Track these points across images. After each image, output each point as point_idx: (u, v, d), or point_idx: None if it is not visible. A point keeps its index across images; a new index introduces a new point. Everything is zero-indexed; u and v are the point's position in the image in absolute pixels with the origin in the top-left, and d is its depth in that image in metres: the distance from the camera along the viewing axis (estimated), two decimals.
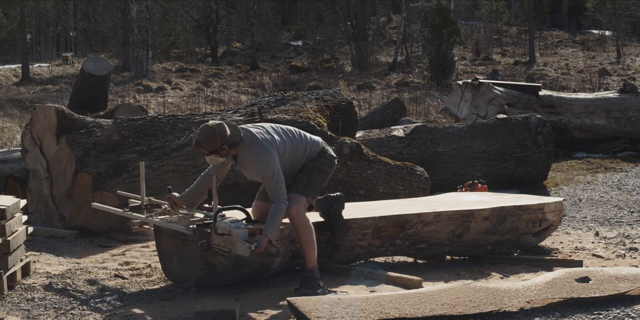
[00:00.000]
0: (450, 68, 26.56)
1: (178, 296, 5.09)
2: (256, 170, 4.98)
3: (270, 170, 4.94)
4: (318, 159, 5.24)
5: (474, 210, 6.04)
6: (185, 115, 7.68)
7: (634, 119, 13.02)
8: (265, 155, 4.95)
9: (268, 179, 4.95)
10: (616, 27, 38.20)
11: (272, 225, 4.91)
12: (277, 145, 5.06)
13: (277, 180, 4.95)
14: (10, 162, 8.74)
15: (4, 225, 4.97)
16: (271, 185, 4.96)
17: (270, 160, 4.94)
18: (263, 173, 4.95)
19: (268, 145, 5.01)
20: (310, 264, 5.04)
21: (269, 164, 4.94)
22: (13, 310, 4.76)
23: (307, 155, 5.24)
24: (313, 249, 5.05)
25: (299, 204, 5.05)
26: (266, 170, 4.94)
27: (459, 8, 45.57)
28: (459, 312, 4.43)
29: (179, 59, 37.73)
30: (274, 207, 4.95)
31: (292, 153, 5.16)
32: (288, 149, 5.13)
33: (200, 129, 4.98)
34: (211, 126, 4.92)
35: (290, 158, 5.16)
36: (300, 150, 5.20)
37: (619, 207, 8.45)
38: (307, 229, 5.04)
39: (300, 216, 5.04)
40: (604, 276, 4.95)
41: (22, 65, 31.05)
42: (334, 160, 5.35)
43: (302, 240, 5.04)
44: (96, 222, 6.98)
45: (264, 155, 4.94)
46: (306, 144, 5.24)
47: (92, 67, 10.99)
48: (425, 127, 10.02)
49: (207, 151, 4.94)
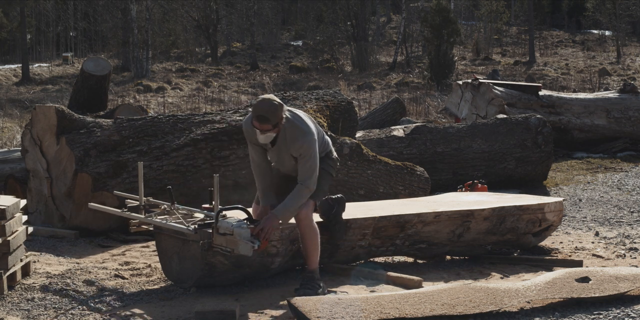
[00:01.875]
0: (450, 68, 26.57)
1: (178, 296, 5.09)
2: (299, 147, 4.84)
3: (312, 150, 4.84)
4: (325, 160, 5.17)
5: (474, 210, 6.04)
6: (185, 115, 7.68)
7: (634, 119, 13.02)
8: (310, 134, 4.86)
9: (307, 158, 4.84)
10: (616, 27, 38.20)
11: (288, 206, 4.84)
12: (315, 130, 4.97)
13: (314, 162, 4.86)
14: (10, 162, 8.74)
15: (4, 225, 4.97)
16: (307, 166, 4.86)
17: (313, 141, 4.86)
18: (305, 151, 4.83)
19: (312, 126, 4.94)
20: (312, 266, 5.04)
21: (312, 143, 4.85)
22: (13, 310, 4.76)
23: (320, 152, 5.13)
24: (316, 252, 5.04)
25: (308, 207, 5.00)
26: (308, 149, 4.84)
27: (459, 8, 45.58)
28: (459, 312, 4.43)
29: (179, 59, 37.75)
30: (299, 188, 4.85)
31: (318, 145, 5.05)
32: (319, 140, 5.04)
33: (259, 103, 4.80)
34: (268, 98, 4.79)
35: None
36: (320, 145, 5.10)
37: (619, 207, 8.45)
38: (314, 232, 5.03)
39: (309, 219, 5.00)
40: (604, 276, 4.95)
41: (22, 65, 31.07)
42: (337, 162, 5.32)
43: (307, 242, 5.02)
44: (96, 222, 6.98)
45: (309, 135, 4.85)
46: (322, 140, 5.16)
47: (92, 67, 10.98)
48: (425, 127, 10.02)
49: (273, 124, 4.77)
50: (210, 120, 7.55)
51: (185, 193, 7.09)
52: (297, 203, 4.87)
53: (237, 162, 7.34)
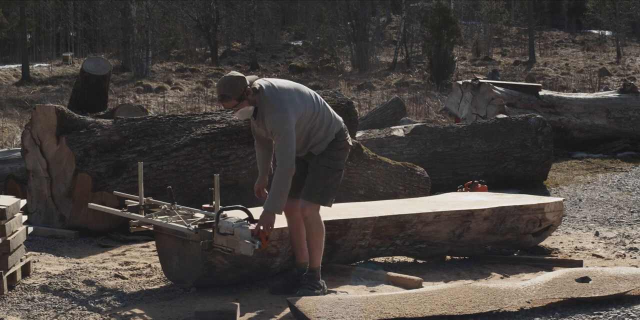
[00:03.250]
0: (450, 68, 26.55)
1: (178, 296, 5.09)
2: (268, 122, 4.77)
3: (280, 128, 4.72)
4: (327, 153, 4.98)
5: (474, 210, 6.05)
6: (185, 115, 7.68)
7: (634, 119, 13.02)
8: (280, 112, 4.74)
9: (276, 136, 4.74)
10: (616, 27, 38.18)
11: (273, 196, 4.74)
12: (297, 107, 4.82)
13: (285, 141, 4.72)
14: (10, 162, 8.74)
15: (4, 225, 4.97)
16: (277, 144, 4.77)
17: (284, 119, 4.72)
18: (274, 128, 4.74)
19: (288, 103, 4.80)
20: (314, 264, 5.03)
21: (280, 122, 4.72)
22: (13, 310, 4.76)
23: (327, 133, 4.97)
24: (320, 250, 5.02)
25: (312, 207, 4.94)
26: (276, 127, 4.73)
27: (459, 8, 45.56)
28: (459, 312, 4.44)
29: (179, 59, 37.72)
30: (276, 173, 4.75)
31: (311, 120, 4.90)
32: (308, 114, 4.88)
33: (218, 83, 4.84)
34: (227, 75, 4.81)
35: (309, 124, 4.91)
36: (319, 120, 4.93)
37: (619, 207, 8.45)
38: (319, 229, 5.00)
39: (314, 217, 4.95)
40: (604, 276, 4.95)
41: (22, 65, 31.03)
42: (348, 151, 5.09)
43: (311, 240, 4.99)
44: (96, 222, 6.98)
45: (279, 112, 4.74)
46: (330, 119, 4.99)
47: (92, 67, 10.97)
48: (425, 127, 10.02)
49: (235, 99, 4.75)
50: (210, 120, 7.55)
51: (185, 193, 7.09)
52: (279, 188, 4.73)
53: (237, 162, 7.35)
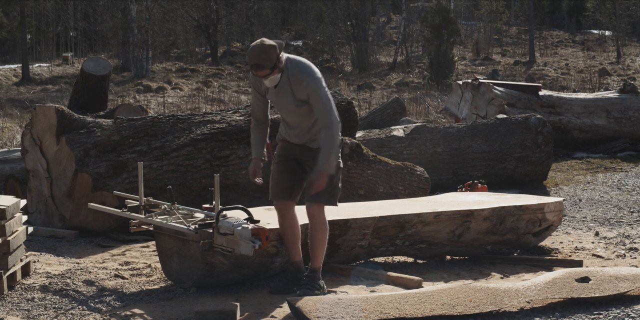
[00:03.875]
0: (450, 68, 26.57)
1: (178, 296, 5.09)
2: (305, 88, 4.63)
3: (320, 89, 4.62)
4: None
5: (474, 210, 6.05)
6: (185, 115, 7.68)
7: (634, 119, 13.02)
8: (315, 74, 4.66)
9: (317, 98, 4.64)
10: (616, 27, 38.19)
11: (326, 156, 4.65)
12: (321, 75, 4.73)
13: (328, 102, 4.62)
14: (10, 162, 8.74)
15: (4, 225, 4.97)
16: (320, 108, 4.67)
17: (319, 79, 4.63)
18: (312, 91, 4.61)
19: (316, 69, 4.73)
20: (315, 264, 5.02)
21: (319, 82, 4.63)
22: (13, 310, 4.76)
23: None
24: (323, 249, 5.01)
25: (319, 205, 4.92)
26: (315, 88, 4.62)
27: (459, 8, 45.57)
28: (459, 312, 4.44)
29: (179, 59, 37.71)
30: (324, 134, 4.66)
31: None
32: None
33: (250, 51, 4.64)
34: (259, 42, 4.65)
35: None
36: None
37: (619, 207, 8.45)
38: (324, 229, 4.99)
39: (320, 215, 4.94)
40: (604, 276, 4.95)
41: (22, 65, 31.02)
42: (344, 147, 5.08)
43: (315, 239, 4.98)
44: (96, 222, 6.98)
45: (314, 73, 4.66)
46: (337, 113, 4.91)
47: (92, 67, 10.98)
48: (425, 127, 10.02)
49: (269, 68, 4.60)
50: (210, 120, 7.55)
51: (185, 193, 7.09)
52: (330, 148, 4.67)
53: (237, 162, 7.35)
